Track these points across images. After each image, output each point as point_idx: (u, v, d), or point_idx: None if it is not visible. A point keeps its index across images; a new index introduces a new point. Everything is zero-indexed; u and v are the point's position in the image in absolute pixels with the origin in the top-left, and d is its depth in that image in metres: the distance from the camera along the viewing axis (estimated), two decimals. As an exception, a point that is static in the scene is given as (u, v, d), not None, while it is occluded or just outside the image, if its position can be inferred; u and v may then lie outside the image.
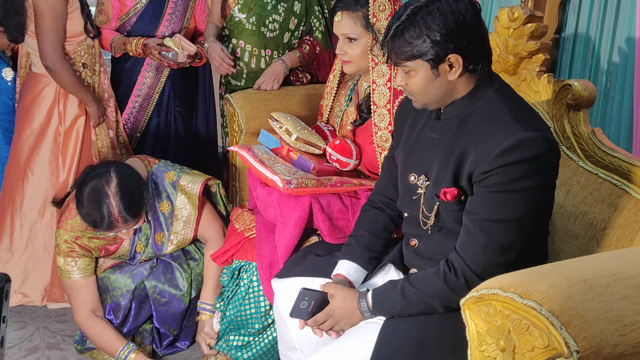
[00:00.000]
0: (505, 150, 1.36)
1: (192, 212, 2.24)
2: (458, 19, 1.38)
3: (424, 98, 1.48)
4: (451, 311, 1.46)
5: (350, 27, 1.93)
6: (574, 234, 1.75)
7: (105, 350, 2.22)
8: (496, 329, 1.14)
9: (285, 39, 2.66)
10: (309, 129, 2.13)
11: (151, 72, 2.77)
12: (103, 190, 2.00)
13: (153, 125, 2.85)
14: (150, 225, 2.25)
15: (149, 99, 2.80)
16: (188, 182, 2.24)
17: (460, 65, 1.41)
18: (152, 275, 2.28)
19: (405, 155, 1.63)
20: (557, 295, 1.06)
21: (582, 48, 2.51)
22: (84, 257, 2.22)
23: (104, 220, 2.01)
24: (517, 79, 1.98)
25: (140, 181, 2.12)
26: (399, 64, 1.45)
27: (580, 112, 1.77)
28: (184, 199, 2.24)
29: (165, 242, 2.26)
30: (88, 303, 2.23)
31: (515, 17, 1.92)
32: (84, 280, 2.22)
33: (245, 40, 2.66)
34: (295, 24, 2.65)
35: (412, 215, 1.61)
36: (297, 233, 1.85)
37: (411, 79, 1.45)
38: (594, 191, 1.70)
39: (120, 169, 2.08)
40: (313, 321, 1.59)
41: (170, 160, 2.41)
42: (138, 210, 2.06)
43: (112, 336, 2.20)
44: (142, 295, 2.27)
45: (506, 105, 1.45)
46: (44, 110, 2.49)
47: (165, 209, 2.25)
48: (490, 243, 1.40)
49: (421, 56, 1.40)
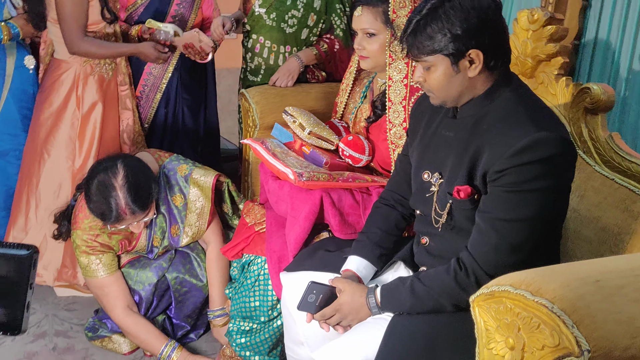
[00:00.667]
0: (520, 150, 1.35)
1: (205, 203, 2.25)
2: (480, 14, 1.38)
3: (442, 94, 1.47)
4: (460, 310, 1.45)
5: (370, 23, 1.93)
6: (587, 238, 1.73)
7: (145, 347, 2.21)
8: (506, 326, 1.13)
9: (303, 35, 2.67)
10: (322, 124, 2.13)
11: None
12: (110, 182, 2.02)
13: (161, 117, 2.85)
14: (165, 218, 2.26)
15: (156, 88, 2.80)
16: (201, 175, 2.26)
17: (480, 62, 1.40)
18: (172, 266, 2.29)
19: (420, 152, 1.62)
20: (569, 294, 1.04)
21: (601, 55, 2.49)
22: (107, 253, 2.21)
23: (112, 212, 2.02)
24: (535, 82, 1.97)
25: (148, 173, 2.13)
26: (418, 59, 1.44)
27: (598, 116, 1.76)
28: (196, 191, 2.25)
29: (180, 234, 2.27)
30: (122, 299, 2.21)
31: (535, 19, 1.91)
32: (111, 276, 2.21)
33: (265, 36, 2.67)
34: (314, 20, 2.65)
35: (424, 212, 1.60)
36: (307, 227, 1.84)
37: (430, 75, 1.44)
38: (608, 196, 1.69)
39: (128, 161, 2.09)
40: (320, 315, 1.58)
41: (176, 152, 2.41)
42: (146, 202, 2.06)
43: (154, 333, 2.19)
44: (163, 288, 2.28)
45: (522, 105, 1.44)
46: (62, 94, 2.52)
47: (178, 202, 2.26)
48: (501, 242, 1.39)
49: (442, 51, 1.39)
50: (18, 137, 2.61)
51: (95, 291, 2.26)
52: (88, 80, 2.52)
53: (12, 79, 2.55)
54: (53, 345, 2.34)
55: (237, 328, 2.03)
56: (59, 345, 2.34)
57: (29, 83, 2.62)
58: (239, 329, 2.03)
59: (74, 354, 2.30)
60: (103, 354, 2.31)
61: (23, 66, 2.59)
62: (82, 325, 2.44)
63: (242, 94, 2.58)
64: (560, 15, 1.94)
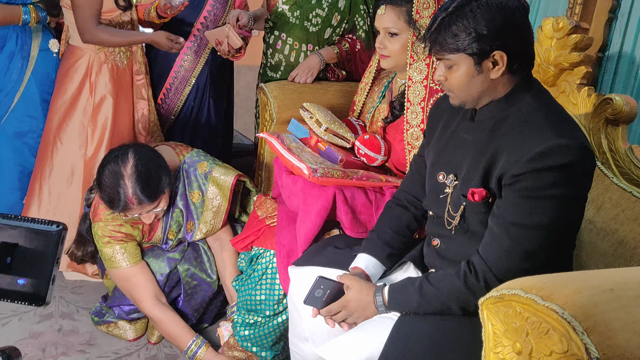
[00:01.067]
0: (538, 155, 1.33)
1: (223, 203, 2.23)
2: (507, 15, 1.36)
3: (463, 94, 1.45)
4: (468, 314, 1.43)
5: (393, 22, 1.92)
6: (602, 251, 1.70)
7: (172, 340, 2.19)
8: (514, 330, 1.11)
9: (326, 35, 2.66)
10: (339, 121, 2.12)
11: (190, 55, 2.78)
12: (119, 171, 2.02)
13: (187, 110, 2.86)
14: (182, 213, 2.25)
15: (185, 82, 2.81)
16: (221, 174, 2.24)
17: (504, 64, 1.39)
18: (184, 259, 2.29)
19: (436, 154, 1.61)
20: (582, 301, 1.02)
21: (625, 68, 2.46)
22: (131, 242, 2.21)
23: (119, 201, 2.02)
24: (556, 90, 1.95)
25: (160, 165, 2.10)
26: (441, 57, 1.43)
27: (619, 128, 1.73)
28: (215, 189, 2.23)
29: (194, 230, 2.26)
30: (150, 288, 2.20)
31: (560, 27, 1.89)
32: (137, 265, 2.20)
33: (288, 33, 2.67)
34: (338, 20, 2.65)
35: (437, 214, 1.58)
36: (318, 222, 1.83)
37: (452, 74, 1.43)
38: (626, 209, 1.66)
39: (140, 151, 2.08)
40: (326, 311, 1.57)
41: (197, 146, 2.41)
42: (155, 193, 2.05)
43: (183, 327, 2.17)
44: (175, 280, 2.28)
45: (543, 111, 1.42)
46: (77, 81, 2.53)
47: (195, 198, 2.25)
48: (514, 248, 1.37)
49: (465, 50, 1.38)
50: (37, 121, 2.62)
51: (122, 283, 2.22)
52: (102, 68, 2.53)
53: (36, 62, 2.57)
54: (58, 326, 2.35)
55: (242, 320, 2.02)
56: (64, 327, 2.35)
57: (52, 67, 2.64)
58: (243, 321, 2.02)
59: (78, 336, 2.31)
60: (106, 338, 2.32)
61: (47, 49, 2.61)
62: (87, 308, 2.46)
63: (261, 88, 2.58)
64: (586, 25, 1.91)
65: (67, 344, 2.25)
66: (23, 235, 1.10)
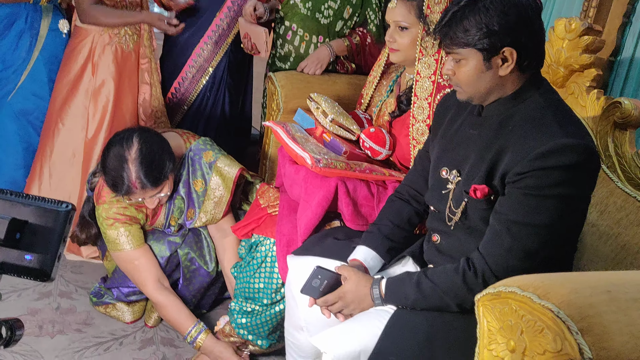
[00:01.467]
0: (544, 154, 1.32)
1: (225, 194, 2.23)
2: (520, 12, 1.35)
3: (470, 90, 1.44)
4: (464, 311, 1.43)
5: (403, 15, 1.91)
6: (603, 255, 1.69)
7: (173, 325, 2.19)
8: (509, 328, 1.10)
9: (337, 27, 2.65)
10: (345, 114, 2.11)
11: (210, 44, 2.76)
12: (123, 154, 2.01)
13: (202, 100, 2.83)
14: (184, 201, 2.25)
15: (203, 71, 2.78)
16: (225, 165, 2.23)
17: (513, 61, 1.37)
18: (185, 242, 2.29)
19: (441, 149, 1.60)
20: (578, 301, 1.02)
21: (636, 73, 2.44)
22: (135, 224, 2.21)
23: (123, 184, 2.02)
24: (565, 92, 1.93)
25: (165, 151, 2.09)
26: (450, 51, 1.42)
27: (627, 132, 1.72)
28: (218, 180, 2.22)
29: (194, 218, 2.26)
30: (153, 272, 2.19)
31: (572, 28, 1.87)
32: (141, 248, 2.20)
33: (298, 24, 2.65)
34: (350, 13, 2.64)
35: (438, 209, 1.58)
36: (319, 213, 1.83)
37: (461, 69, 1.42)
38: (630, 213, 1.65)
39: (145, 136, 2.06)
40: (323, 301, 1.57)
41: (210, 136, 2.39)
42: (158, 178, 2.04)
43: (184, 313, 2.16)
44: (174, 263, 2.28)
45: (551, 110, 1.41)
46: (80, 62, 2.54)
47: (198, 187, 2.24)
48: (515, 246, 1.36)
49: (475, 45, 1.36)
50: (43, 100, 2.62)
51: (125, 265, 2.21)
52: (105, 49, 2.52)
53: (45, 41, 2.57)
54: (56, 305, 2.36)
55: (239, 308, 2.02)
56: (62, 305, 2.36)
57: (61, 48, 2.63)
58: (240, 309, 2.02)
59: (75, 315, 2.32)
60: (103, 318, 2.32)
61: (57, 29, 2.61)
62: (86, 288, 2.46)
63: (269, 77, 2.58)
64: (599, 27, 1.89)
65: (64, 323, 2.26)
66: (33, 213, 1.14)
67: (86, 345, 2.17)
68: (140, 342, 2.24)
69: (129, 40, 2.57)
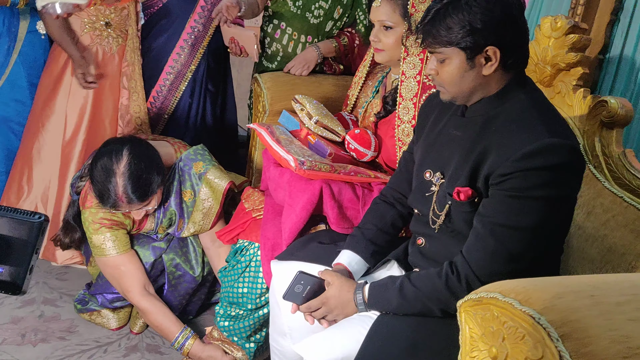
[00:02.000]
0: (528, 154, 1.29)
1: (214, 205, 2.20)
2: (505, 10, 1.33)
3: (454, 90, 1.41)
4: (448, 316, 1.40)
5: (388, 15, 1.88)
6: (590, 257, 1.67)
7: (160, 331, 2.16)
8: (491, 335, 1.07)
9: (327, 27, 2.63)
10: (331, 115, 2.08)
11: (186, 48, 2.68)
12: (111, 168, 1.98)
13: (184, 107, 2.75)
14: (176, 213, 2.22)
15: (182, 77, 2.71)
16: (215, 177, 2.19)
17: (497, 60, 1.35)
18: (170, 248, 2.26)
19: (424, 150, 1.57)
20: (561, 306, 0.99)
21: (626, 71, 2.41)
22: (121, 229, 2.18)
23: (109, 198, 1.99)
24: (552, 91, 1.91)
25: (154, 164, 2.05)
26: (433, 50, 1.38)
27: (614, 131, 1.69)
28: (207, 191, 2.19)
29: (183, 228, 2.23)
30: (139, 278, 2.16)
31: (558, 26, 1.84)
32: (127, 254, 2.17)
33: (287, 23, 2.62)
34: (340, 13, 2.62)
35: (422, 212, 1.55)
36: (303, 217, 1.80)
37: (444, 68, 1.39)
38: (617, 215, 1.62)
39: (135, 149, 2.03)
40: (306, 307, 1.54)
41: (195, 144, 2.33)
42: (145, 193, 2.01)
43: (170, 319, 2.13)
44: (159, 269, 2.25)
45: (535, 110, 1.38)
46: (61, 62, 2.49)
47: (187, 197, 2.21)
48: (499, 249, 1.33)
49: (458, 43, 1.33)
50: (24, 105, 2.57)
51: (110, 272, 2.18)
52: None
53: (24, 44, 2.51)
54: (40, 312, 2.32)
55: (224, 312, 1.99)
56: (46, 313, 2.33)
57: (41, 51, 2.58)
58: (225, 312, 1.99)
59: (59, 323, 2.28)
60: (88, 326, 2.29)
61: (35, 31, 2.55)
62: (71, 295, 2.43)
63: (255, 79, 2.55)
64: (585, 25, 1.86)
65: (48, 331, 2.23)
66: (5, 224, 1.10)
67: (69, 353, 2.13)
68: (125, 349, 2.20)
69: (112, 43, 2.52)
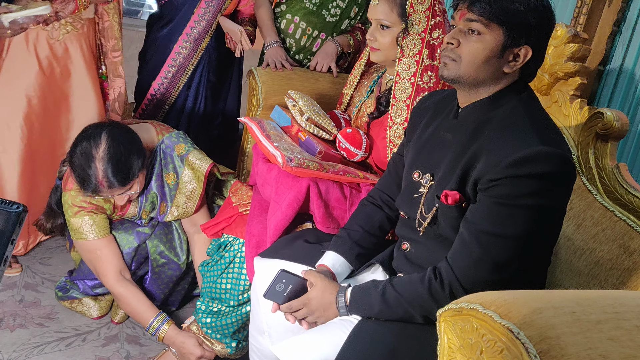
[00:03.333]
0: (518, 161, 1.26)
1: (197, 187, 2.18)
2: (551, 20, 1.34)
3: (468, 69, 1.33)
4: (430, 323, 1.37)
5: (385, 14, 1.85)
6: (577, 270, 1.64)
7: (134, 316, 2.15)
8: (469, 346, 1.05)
9: (343, 26, 2.62)
10: (323, 113, 2.05)
11: (189, 42, 2.66)
12: (90, 152, 1.96)
13: (180, 99, 2.75)
14: (157, 195, 2.20)
15: (183, 70, 2.70)
16: (197, 159, 2.18)
17: (523, 61, 1.33)
18: (154, 234, 2.23)
19: (415, 152, 1.54)
20: (540, 321, 0.96)
21: (625, 83, 2.39)
22: (100, 214, 2.16)
23: (90, 183, 1.97)
24: (549, 100, 1.88)
25: (134, 149, 2.02)
26: (475, 19, 1.30)
27: (608, 144, 1.67)
28: (190, 173, 2.17)
29: (166, 212, 2.21)
30: (115, 263, 2.15)
31: (558, 34, 1.82)
32: (104, 238, 2.15)
33: (302, 17, 2.60)
34: (356, 12, 2.61)
35: (409, 215, 1.52)
36: (289, 214, 1.77)
37: (471, 43, 1.32)
38: (607, 228, 1.60)
39: (113, 133, 2.00)
40: (287, 307, 1.51)
41: (191, 137, 2.32)
42: (126, 177, 1.99)
43: (145, 304, 2.12)
44: (143, 255, 2.23)
45: (529, 117, 1.35)
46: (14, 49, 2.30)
47: (170, 180, 2.19)
48: (484, 257, 1.30)
49: (507, 25, 1.29)
50: None
51: (87, 255, 2.17)
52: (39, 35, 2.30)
53: None
54: (20, 297, 2.29)
55: (205, 307, 1.97)
56: (26, 298, 2.30)
57: None
58: (206, 308, 1.97)
59: (39, 309, 2.25)
60: (68, 313, 2.26)
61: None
62: (53, 281, 2.40)
63: (251, 72, 2.52)
64: (586, 35, 1.84)
65: (27, 316, 2.20)
66: None
67: (47, 340, 2.10)
68: (105, 339, 2.17)
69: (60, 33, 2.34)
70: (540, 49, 1.35)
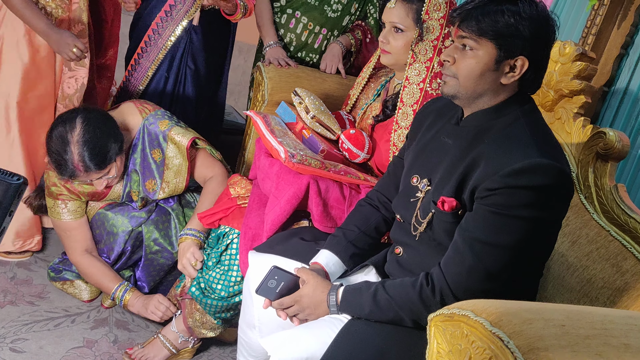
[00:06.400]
0: (516, 171, 1.27)
1: (183, 162, 2.19)
2: (549, 30, 1.34)
3: (465, 84, 1.36)
4: (419, 328, 1.38)
5: (401, 18, 1.86)
6: (569, 286, 1.65)
7: (100, 287, 2.21)
8: (457, 352, 1.06)
9: (344, 22, 2.63)
10: (328, 112, 2.06)
11: (167, 20, 2.52)
12: (65, 137, 1.97)
13: (160, 81, 2.62)
14: (138, 174, 2.21)
15: (159, 49, 2.55)
16: (178, 134, 2.19)
17: (520, 72, 1.34)
18: (150, 220, 2.25)
19: (415, 155, 1.55)
20: (529, 332, 0.97)
21: (628, 106, 2.41)
22: (73, 200, 2.21)
23: (67, 167, 1.98)
24: (553, 116, 1.90)
25: (110, 132, 2.03)
26: (467, 36, 1.33)
27: (608, 164, 1.68)
28: (174, 148, 2.19)
29: (157, 189, 2.22)
30: (82, 243, 2.21)
31: (566, 52, 1.83)
32: (75, 221, 2.21)
33: (304, 13, 2.61)
34: (356, 8, 2.62)
35: (404, 218, 1.53)
36: (287, 210, 1.78)
37: (466, 59, 1.34)
38: (600, 247, 1.61)
39: (89, 117, 2.01)
40: (278, 303, 1.52)
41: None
42: (102, 161, 2.00)
43: (108, 274, 2.18)
44: (139, 239, 2.24)
45: (530, 128, 1.36)
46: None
47: (157, 156, 2.21)
48: (477, 266, 1.31)
49: (498, 40, 1.31)
50: None
51: (57, 231, 2.27)
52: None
53: None
54: (12, 274, 2.30)
55: (196, 289, 1.96)
56: (18, 275, 2.30)
57: None
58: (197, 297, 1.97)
59: (31, 287, 2.25)
60: (60, 294, 2.26)
61: None
62: (46, 261, 2.40)
63: (258, 67, 2.52)
64: (593, 54, 1.85)
65: (18, 294, 2.20)
66: None
67: (36, 319, 2.11)
68: (94, 322, 2.18)
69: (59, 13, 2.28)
70: (538, 59, 1.35)
